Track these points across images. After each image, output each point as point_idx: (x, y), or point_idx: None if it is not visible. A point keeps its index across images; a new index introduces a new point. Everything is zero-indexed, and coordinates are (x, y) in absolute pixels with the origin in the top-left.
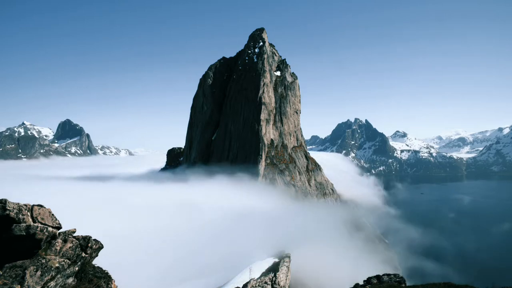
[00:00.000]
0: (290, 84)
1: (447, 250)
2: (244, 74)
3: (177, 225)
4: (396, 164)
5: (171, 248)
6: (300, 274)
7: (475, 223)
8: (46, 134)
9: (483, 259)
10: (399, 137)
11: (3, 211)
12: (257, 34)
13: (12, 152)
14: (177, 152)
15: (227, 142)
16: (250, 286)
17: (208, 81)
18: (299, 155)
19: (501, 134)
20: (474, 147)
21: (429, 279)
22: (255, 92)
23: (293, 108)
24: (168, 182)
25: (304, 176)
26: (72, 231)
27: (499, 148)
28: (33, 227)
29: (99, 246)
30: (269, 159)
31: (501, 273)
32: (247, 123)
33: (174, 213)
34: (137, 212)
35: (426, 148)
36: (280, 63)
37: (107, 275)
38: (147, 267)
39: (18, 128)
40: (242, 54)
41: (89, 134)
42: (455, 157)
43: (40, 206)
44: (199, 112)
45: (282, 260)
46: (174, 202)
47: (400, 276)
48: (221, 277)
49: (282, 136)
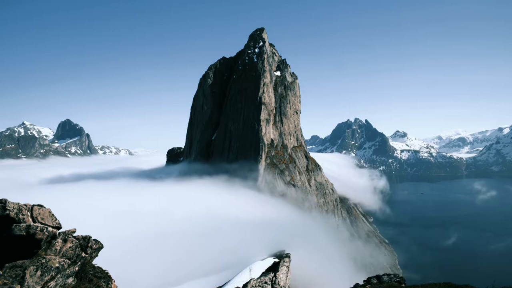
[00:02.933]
0: (290, 84)
1: (447, 250)
2: (244, 74)
3: (177, 225)
4: (396, 164)
5: (171, 248)
6: (301, 274)
7: (475, 223)
8: (46, 134)
9: (483, 259)
10: (399, 137)
11: (3, 211)
12: (257, 34)
13: (12, 152)
14: (177, 152)
15: (227, 142)
16: (250, 286)
17: (208, 81)
18: (299, 155)
19: (501, 134)
20: (474, 147)
21: (429, 279)
22: (255, 92)
23: (293, 108)
24: (168, 182)
25: (304, 176)
26: (72, 231)
27: (499, 148)
28: (33, 227)
29: (99, 246)
30: (269, 159)
31: (501, 273)
32: (247, 123)
33: (174, 213)
34: (137, 213)
35: (426, 148)
36: (280, 63)
37: (107, 275)
38: (147, 267)
39: (18, 128)
40: (242, 54)
41: (89, 134)
42: (455, 157)
43: (40, 206)
44: (199, 112)
45: (282, 260)
46: (174, 202)
47: (400, 276)
48: (221, 277)
49: (282, 136)
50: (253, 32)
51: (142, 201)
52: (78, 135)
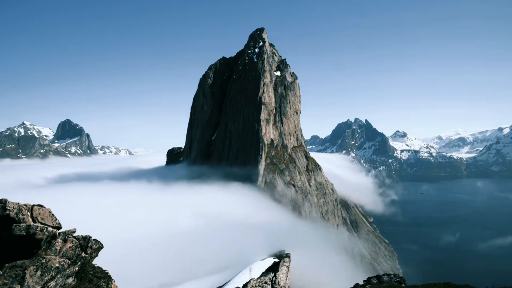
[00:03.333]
0: (290, 84)
1: (447, 250)
2: (244, 74)
3: (177, 225)
4: (396, 164)
5: (171, 249)
6: (301, 274)
7: (475, 223)
8: (46, 134)
9: (482, 258)
10: (399, 137)
11: (3, 211)
12: (257, 34)
13: (12, 152)
14: (177, 152)
15: (227, 142)
16: (250, 286)
17: (208, 81)
18: (299, 155)
19: (501, 134)
20: (474, 147)
21: (429, 279)
22: (255, 92)
23: (293, 108)
24: (169, 183)
25: (304, 176)
26: (72, 231)
27: (499, 148)
28: (33, 227)
29: (99, 246)
30: (269, 159)
31: (501, 273)
32: (247, 123)
33: (173, 214)
34: (137, 213)
35: (426, 148)
36: (280, 63)
37: (107, 275)
38: (147, 267)
39: (18, 128)
40: (242, 54)
41: (89, 134)
42: (455, 157)
43: (40, 206)
44: (199, 112)
45: (282, 260)
46: (174, 202)
47: (400, 276)
48: (221, 277)
49: (282, 136)
50: (253, 32)
51: (142, 202)
52: (78, 135)
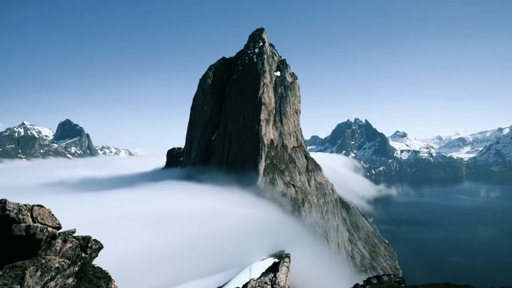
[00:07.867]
0: (290, 84)
1: (447, 250)
2: (244, 74)
3: (176, 225)
4: (396, 164)
5: (170, 249)
6: (301, 274)
7: (475, 223)
8: (46, 134)
9: (482, 259)
10: (399, 137)
11: (3, 211)
12: (257, 34)
13: (12, 152)
14: (177, 152)
15: (227, 142)
16: (250, 286)
17: (208, 81)
18: (299, 155)
19: (501, 134)
20: (474, 147)
21: (429, 279)
22: (255, 92)
23: (293, 108)
24: (169, 183)
25: (304, 176)
26: (72, 231)
27: (499, 148)
28: (33, 227)
29: (99, 246)
30: (269, 159)
31: (501, 273)
32: (247, 123)
33: (173, 213)
34: (137, 213)
35: (426, 148)
36: (280, 63)
37: (107, 275)
38: (147, 267)
39: (18, 128)
40: (242, 54)
41: (89, 134)
42: (455, 157)
43: (40, 206)
44: (199, 112)
45: (282, 260)
46: (173, 203)
47: (400, 276)
48: (221, 277)
49: (282, 136)
50: (253, 33)
51: (142, 202)
52: (78, 136)
